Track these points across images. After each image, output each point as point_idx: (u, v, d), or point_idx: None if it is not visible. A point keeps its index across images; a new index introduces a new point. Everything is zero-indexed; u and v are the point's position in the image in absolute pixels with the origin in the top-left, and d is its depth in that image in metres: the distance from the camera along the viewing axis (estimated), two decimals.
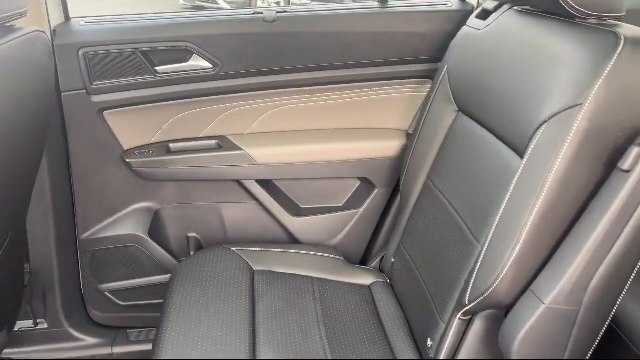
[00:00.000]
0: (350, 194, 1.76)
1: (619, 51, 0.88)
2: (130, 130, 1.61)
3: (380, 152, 1.65)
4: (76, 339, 1.77)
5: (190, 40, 1.50)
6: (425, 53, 1.56)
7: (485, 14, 1.34)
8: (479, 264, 1.04)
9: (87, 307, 1.79)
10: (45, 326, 1.74)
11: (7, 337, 1.53)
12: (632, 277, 0.93)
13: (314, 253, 1.60)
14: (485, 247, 1.03)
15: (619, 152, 0.89)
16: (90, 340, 1.78)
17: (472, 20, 1.38)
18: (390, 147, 1.64)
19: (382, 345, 1.29)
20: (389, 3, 1.62)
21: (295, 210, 1.74)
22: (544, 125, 0.95)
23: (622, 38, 0.89)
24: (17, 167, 1.22)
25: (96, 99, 1.53)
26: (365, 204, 1.72)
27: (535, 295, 0.95)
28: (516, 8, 1.25)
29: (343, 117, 1.66)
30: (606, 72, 0.87)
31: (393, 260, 1.53)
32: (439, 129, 1.38)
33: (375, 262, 1.68)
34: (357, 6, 1.62)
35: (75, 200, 1.65)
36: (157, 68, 1.53)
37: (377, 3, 1.61)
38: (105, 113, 1.56)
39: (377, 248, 1.73)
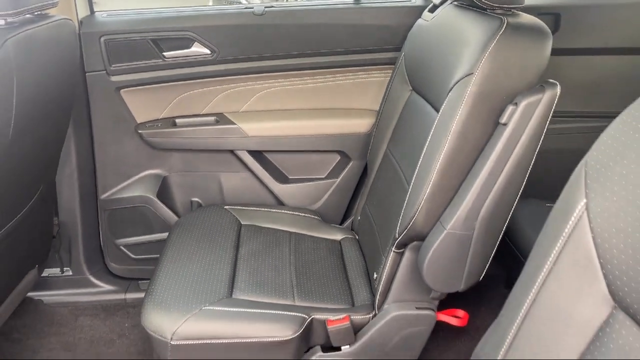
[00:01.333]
0: (331, 167, 2.03)
1: (500, 33, 1.13)
2: (143, 106, 1.91)
3: (354, 128, 1.91)
4: (95, 286, 2.07)
5: (192, 30, 1.80)
6: (391, 43, 1.82)
7: (434, 8, 1.60)
8: (405, 203, 1.29)
9: (105, 259, 2.10)
10: (70, 273, 2.05)
11: (37, 275, 1.85)
12: (513, 206, 1.17)
13: (295, 213, 1.87)
14: (409, 189, 1.28)
15: (502, 110, 1.13)
16: (107, 287, 2.08)
17: (425, 14, 1.63)
18: (362, 124, 1.90)
19: (341, 282, 1.55)
20: (361, 0, 1.89)
21: (283, 179, 2.01)
22: (452, 89, 1.20)
23: (505, 23, 1.14)
24: (47, 131, 1.53)
25: (114, 78, 1.84)
26: (342, 174, 1.98)
27: (441, 224, 1.20)
28: (455, 2, 1.50)
29: (322, 98, 1.93)
30: (490, 48, 1.12)
31: (359, 218, 1.79)
32: (397, 106, 1.64)
33: (348, 223, 1.94)
34: (333, 2, 1.89)
35: (96, 165, 1.96)
36: (164, 53, 1.83)
37: (351, 0, 1.89)
38: (122, 91, 1.87)
39: (352, 212, 1.99)
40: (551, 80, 1.14)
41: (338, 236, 1.79)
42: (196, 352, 1.29)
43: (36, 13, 1.37)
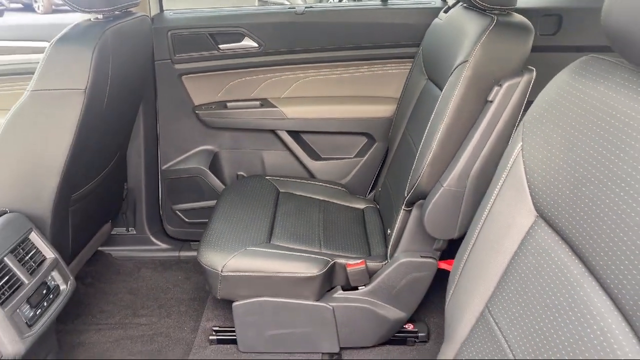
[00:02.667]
0: (358, 148, 2.32)
1: (490, 28, 1.40)
2: (200, 90, 2.25)
3: (378, 113, 2.20)
4: (154, 244, 2.42)
5: (243, 26, 2.14)
6: (412, 39, 2.10)
7: (448, 9, 1.87)
8: (413, 167, 1.58)
9: (163, 222, 2.46)
10: (134, 233, 2.41)
11: (110, 228, 2.22)
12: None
13: (326, 185, 2.18)
14: (417, 155, 1.57)
15: (490, 90, 1.41)
16: (164, 246, 2.43)
17: (441, 14, 1.91)
18: (385, 110, 2.19)
19: (361, 238, 1.84)
20: (388, 1, 2.18)
21: (316, 157, 2.32)
22: (452, 73, 1.48)
23: (495, 20, 1.41)
24: (127, 107, 1.89)
25: (177, 66, 2.19)
26: (368, 154, 2.28)
27: (440, 183, 1.49)
28: (462, 4, 1.77)
29: (351, 86, 2.23)
30: (481, 40, 1.40)
31: (379, 189, 2.08)
32: (414, 94, 1.92)
33: (371, 195, 2.23)
34: (363, 4, 2.19)
35: (159, 140, 2.32)
36: (219, 46, 2.17)
37: (379, 1, 2.18)
38: (183, 77, 2.22)
39: (375, 186, 2.28)
40: (529, 67, 1.40)
41: (361, 205, 2.08)
42: (240, 282, 1.61)
43: (123, 10, 1.72)
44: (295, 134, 2.29)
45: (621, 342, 0.62)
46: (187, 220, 2.43)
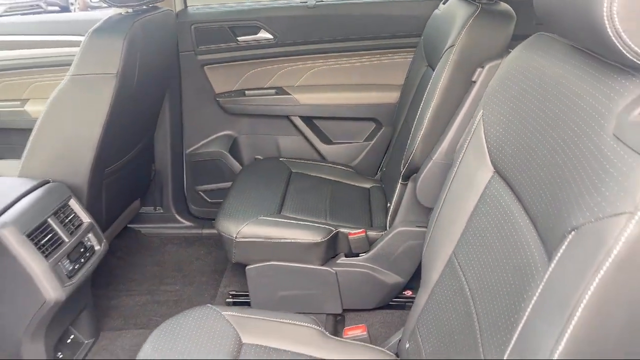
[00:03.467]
0: (367, 133, 2.49)
1: (474, 16, 1.55)
2: (220, 79, 2.45)
3: (385, 99, 2.36)
4: (179, 222, 2.63)
5: (259, 19, 2.33)
6: (414, 30, 2.25)
7: (446, 1, 2.02)
8: (407, 144, 1.74)
9: (187, 201, 2.67)
10: (161, 211, 2.63)
11: (139, 205, 2.44)
12: None
13: (335, 166, 2.35)
14: (411, 133, 1.73)
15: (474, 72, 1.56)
16: (188, 224, 2.64)
17: (440, 5, 2.06)
18: (391, 96, 2.35)
19: (364, 211, 2.01)
20: None
21: (327, 141, 2.50)
22: (441, 57, 1.64)
23: (479, 8, 1.56)
24: (153, 92, 2.10)
25: (200, 57, 2.40)
26: (375, 138, 2.44)
27: (430, 157, 1.64)
28: None
29: (359, 75, 2.40)
30: (467, 27, 1.55)
31: (384, 169, 2.24)
32: (415, 80, 2.07)
33: (377, 176, 2.39)
34: None
35: (183, 125, 2.53)
36: (238, 38, 2.37)
37: None
38: (205, 67, 2.42)
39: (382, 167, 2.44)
40: (510, 50, 1.54)
41: (368, 185, 2.24)
42: (252, 248, 1.80)
43: (150, 5, 1.93)
44: (307, 120, 2.47)
45: (535, 257, 0.78)
46: (209, 200, 2.64)
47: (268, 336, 1.28)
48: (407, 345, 1.25)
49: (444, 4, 2.02)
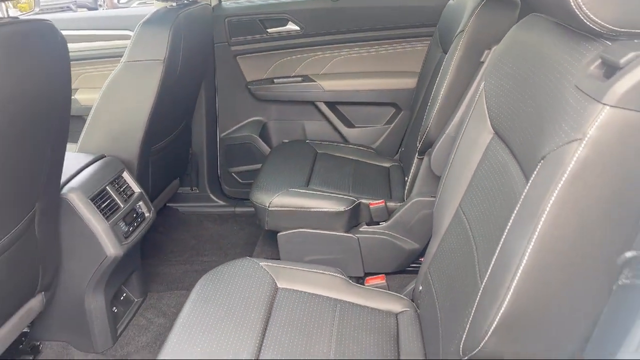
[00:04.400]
0: (387, 117, 2.67)
1: (482, 4, 1.72)
2: (251, 68, 2.67)
3: (403, 85, 2.55)
4: (213, 201, 2.86)
5: (287, 12, 2.53)
6: (430, 20, 2.43)
7: None
8: (423, 121, 1.92)
9: (221, 182, 2.89)
10: (197, 191, 2.86)
11: (178, 184, 2.66)
12: None
13: (356, 147, 2.54)
14: (426, 111, 1.91)
15: (482, 53, 1.73)
16: (222, 203, 2.86)
17: None
18: (409, 82, 2.53)
19: (385, 185, 2.19)
20: None
21: (350, 125, 2.69)
22: (453, 41, 1.82)
23: None
24: (192, 80, 2.32)
25: (233, 48, 2.61)
26: (395, 121, 2.62)
27: (443, 131, 1.82)
28: None
29: (379, 62, 2.59)
30: (475, 14, 1.73)
31: (403, 149, 2.42)
32: (431, 66, 2.25)
33: (397, 156, 2.57)
34: None
35: (217, 112, 2.75)
36: (268, 30, 2.57)
37: None
38: (238, 57, 2.64)
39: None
40: None
41: (388, 164, 2.43)
42: (283, 216, 2.00)
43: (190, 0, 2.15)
44: (331, 105, 2.67)
45: (518, 187, 0.95)
46: (240, 181, 2.85)
47: (300, 282, 1.48)
48: (420, 288, 1.43)
49: None
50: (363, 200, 2.04)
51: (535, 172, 0.84)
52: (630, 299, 0.70)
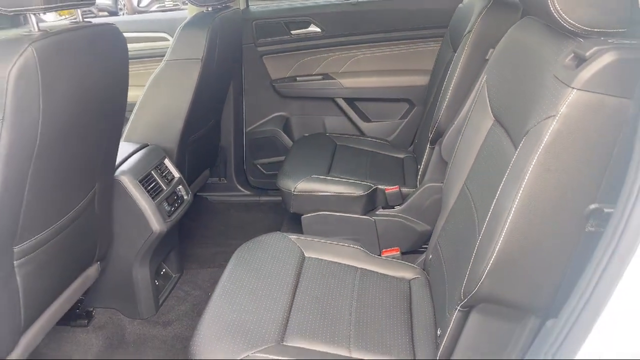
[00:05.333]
0: (401, 112, 2.88)
1: (487, 7, 1.92)
2: (276, 67, 2.89)
3: (416, 82, 2.75)
4: (240, 191, 3.07)
5: (309, 15, 2.75)
6: (442, 21, 2.62)
7: None
8: (434, 113, 2.12)
9: (247, 173, 3.11)
10: (225, 182, 3.08)
11: (208, 174, 2.89)
12: None
13: (373, 139, 2.74)
14: (437, 104, 2.11)
15: (487, 52, 1.93)
16: (247, 192, 3.08)
17: (464, 0, 2.43)
18: (421, 79, 2.73)
19: (399, 174, 2.39)
20: None
21: (367, 119, 2.90)
22: (460, 42, 2.01)
23: (492, 1, 1.93)
24: (223, 79, 2.54)
25: (259, 49, 2.84)
26: (409, 116, 2.83)
27: (452, 122, 2.01)
28: None
29: (394, 61, 2.79)
30: (481, 15, 1.92)
31: (416, 141, 2.63)
32: (442, 65, 2.44)
33: (411, 148, 2.77)
34: None
35: (244, 107, 2.97)
36: (291, 31, 2.79)
37: None
38: (264, 57, 2.86)
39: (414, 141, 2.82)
40: None
41: (402, 155, 2.63)
42: (307, 200, 2.21)
43: (224, 5, 2.38)
44: (350, 101, 2.88)
45: (510, 159, 1.15)
46: (265, 172, 3.07)
47: (324, 253, 1.69)
48: (430, 257, 1.63)
49: None
50: (379, 186, 2.24)
51: (521, 144, 1.04)
52: (593, 245, 0.89)
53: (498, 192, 1.09)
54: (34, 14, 1.25)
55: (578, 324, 0.83)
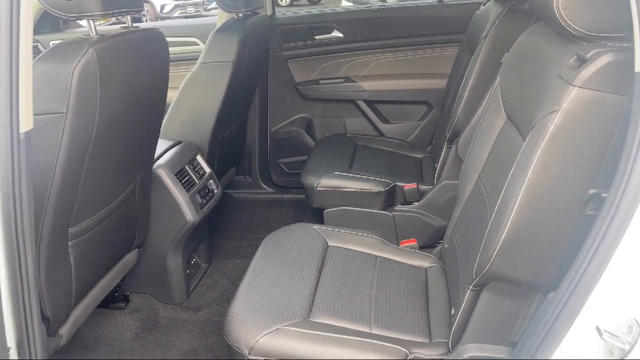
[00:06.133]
0: (420, 114, 3.00)
1: (502, 13, 2.04)
2: (300, 71, 3.03)
3: (434, 85, 2.87)
4: (263, 188, 3.21)
5: (332, 21, 2.89)
6: (459, 28, 2.74)
7: (485, 2, 2.50)
8: (451, 114, 2.24)
9: (271, 172, 3.25)
10: (250, 180, 3.22)
11: (234, 172, 3.04)
12: None
13: (392, 140, 2.87)
14: (454, 105, 2.23)
15: (502, 56, 2.04)
16: (271, 190, 3.21)
17: (481, 7, 2.54)
18: (439, 82, 2.85)
19: (417, 173, 2.51)
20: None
21: (386, 121, 3.02)
22: (478, 45, 2.13)
23: (506, 8, 2.04)
24: (252, 80, 2.69)
25: (284, 53, 2.98)
26: (427, 118, 2.94)
27: (468, 122, 2.13)
28: None
29: (413, 65, 2.92)
30: (497, 21, 2.04)
31: (434, 142, 2.74)
32: (460, 70, 2.56)
33: (428, 149, 2.89)
34: (424, 2, 2.87)
35: (269, 108, 3.12)
36: (315, 37, 2.94)
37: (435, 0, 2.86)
38: (288, 61, 3.01)
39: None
40: None
41: (420, 155, 2.75)
42: (329, 195, 2.33)
43: (253, 11, 2.53)
44: (370, 103, 3.01)
45: (519, 152, 1.27)
46: (288, 170, 3.21)
47: (346, 242, 1.82)
48: (446, 246, 1.75)
49: (483, 5, 2.51)
50: (398, 183, 2.36)
51: (527, 137, 1.16)
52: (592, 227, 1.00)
53: (507, 181, 1.21)
54: (92, 20, 1.40)
55: (574, 295, 0.94)
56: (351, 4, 12.32)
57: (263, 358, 1.34)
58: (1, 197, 1.05)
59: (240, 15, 2.41)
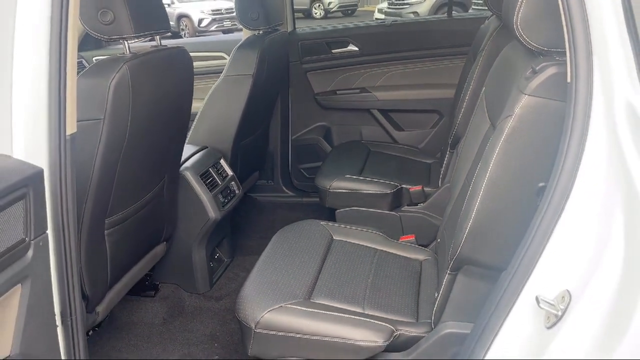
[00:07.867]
0: (432, 122, 3.17)
1: (498, 28, 2.21)
2: (319, 82, 3.25)
3: (444, 95, 3.04)
4: (285, 192, 3.43)
5: (348, 36, 3.11)
6: (467, 40, 2.91)
7: (490, 17, 2.67)
8: (453, 120, 2.41)
9: (291, 176, 3.47)
10: (272, 183, 3.45)
11: (257, 177, 3.27)
12: None
13: (404, 146, 3.05)
14: (455, 111, 2.40)
15: None
16: (292, 194, 3.43)
17: (486, 21, 2.71)
18: (449, 92, 3.01)
19: (424, 177, 2.69)
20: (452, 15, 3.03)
21: (399, 128, 3.21)
22: (477, 56, 2.30)
23: (502, 23, 2.21)
24: (273, 92, 2.92)
25: (304, 66, 3.22)
26: (438, 126, 3.12)
27: (468, 127, 2.30)
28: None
29: (425, 76, 3.10)
30: (492, 36, 2.21)
31: (443, 149, 2.91)
32: (465, 79, 2.72)
33: (439, 155, 3.05)
34: (434, 17, 3.06)
35: (290, 117, 3.35)
36: (332, 50, 3.16)
37: (445, 15, 3.04)
38: (308, 73, 3.24)
39: None
40: None
41: (430, 160, 2.92)
42: (340, 197, 2.53)
43: (273, 28, 2.77)
44: (384, 112, 3.20)
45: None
46: (307, 175, 3.43)
47: (350, 237, 2.01)
48: (438, 240, 1.92)
49: (487, 20, 2.68)
50: (404, 186, 2.54)
51: (490, 137, 1.35)
52: None
53: (474, 175, 1.39)
54: (126, 41, 1.65)
55: (517, 273, 1.12)
56: (384, 16, 12.61)
57: (267, 331, 1.54)
58: (50, 189, 1.28)
59: (261, 32, 2.66)
